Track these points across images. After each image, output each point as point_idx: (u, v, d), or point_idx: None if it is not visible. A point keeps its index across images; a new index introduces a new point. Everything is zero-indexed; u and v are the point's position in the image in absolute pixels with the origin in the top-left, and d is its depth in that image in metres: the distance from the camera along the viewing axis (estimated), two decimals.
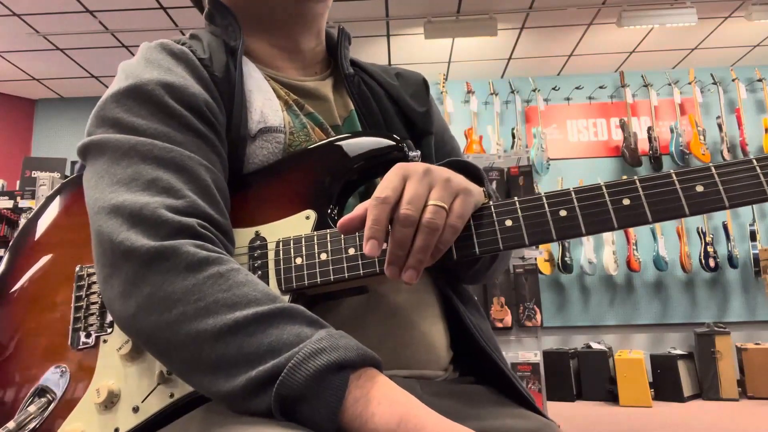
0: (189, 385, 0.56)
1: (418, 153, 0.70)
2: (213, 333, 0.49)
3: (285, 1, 0.77)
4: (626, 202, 0.56)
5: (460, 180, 0.57)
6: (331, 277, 0.61)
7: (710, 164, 0.56)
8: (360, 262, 0.61)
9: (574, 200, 0.58)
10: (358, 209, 0.56)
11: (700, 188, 0.55)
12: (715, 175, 0.55)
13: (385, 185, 0.54)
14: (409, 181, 0.55)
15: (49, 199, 0.76)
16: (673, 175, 0.56)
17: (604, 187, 0.58)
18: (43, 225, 0.73)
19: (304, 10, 0.78)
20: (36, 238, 0.73)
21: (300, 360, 0.46)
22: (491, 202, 0.61)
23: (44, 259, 0.71)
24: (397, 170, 0.56)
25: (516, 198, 0.59)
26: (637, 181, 0.57)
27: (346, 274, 0.61)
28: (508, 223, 0.58)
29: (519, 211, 0.59)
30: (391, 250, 0.54)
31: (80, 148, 0.63)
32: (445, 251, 0.57)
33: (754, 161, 0.55)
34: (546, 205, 0.58)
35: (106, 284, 0.55)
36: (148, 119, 0.61)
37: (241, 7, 0.78)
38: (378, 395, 0.46)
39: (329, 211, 0.67)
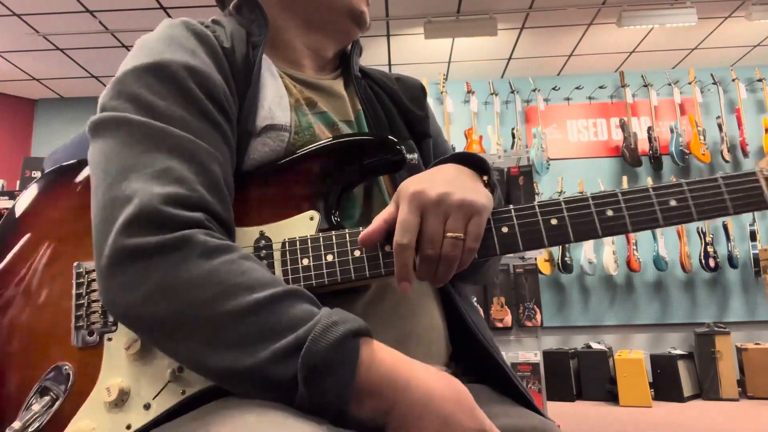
0: (202, 369, 0.55)
1: (416, 155, 0.73)
2: (236, 313, 0.52)
3: (341, 19, 0.80)
4: (610, 213, 0.62)
5: (472, 198, 0.60)
6: (338, 278, 0.63)
7: (683, 181, 0.63)
8: (366, 264, 0.63)
9: (564, 210, 0.63)
10: (376, 222, 0.61)
11: (673, 202, 0.62)
12: (686, 191, 0.62)
13: (405, 226, 0.59)
14: (426, 217, 0.59)
15: (39, 190, 0.72)
16: (650, 190, 0.63)
17: (590, 199, 0.63)
18: (35, 218, 0.71)
19: (352, 31, 0.82)
20: (29, 232, 0.70)
21: (320, 331, 0.51)
22: (497, 193, 0.65)
23: (39, 255, 0.69)
24: (411, 204, 0.60)
25: (511, 206, 0.64)
26: (619, 194, 0.63)
27: (353, 276, 0.63)
28: (504, 229, 0.63)
29: (514, 218, 0.64)
30: (418, 279, 0.61)
31: (94, 122, 0.61)
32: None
33: (720, 179, 0.62)
34: (539, 214, 0.63)
35: (107, 273, 0.54)
36: (167, 101, 0.61)
37: (295, 5, 0.79)
38: (377, 358, 0.53)
39: (331, 211, 0.67)
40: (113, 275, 0.54)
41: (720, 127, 5.12)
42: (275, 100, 0.72)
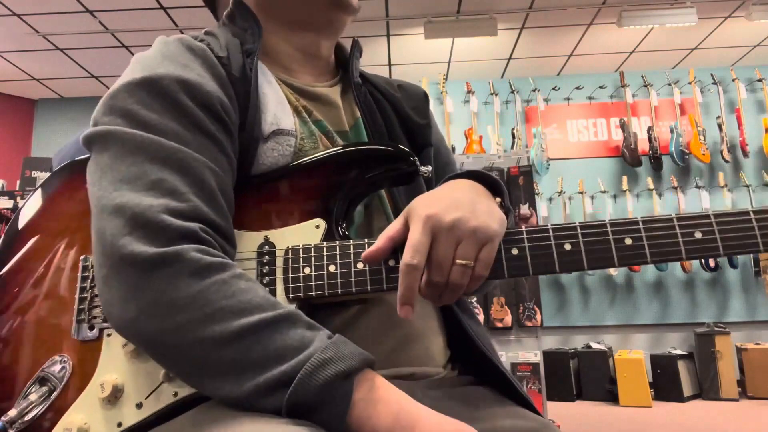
0: (192, 387, 0.56)
1: (430, 168, 0.71)
2: (221, 339, 0.50)
3: (322, 9, 0.78)
4: (628, 241, 0.58)
5: (486, 224, 0.58)
6: (339, 290, 0.61)
7: (711, 212, 0.59)
8: (368, 278, 0.61)
9: (580, 235, 0.59)
10: (382, 240, 0.60)
11: (698, 234, 0.58)
12: (714, 224, 0.58)
13: (416, 247, 0.56)
14: (437, 241, 0.57)
15: (48, 186, 0.74)
16: (675, 219, 0.58)
17: (608, 225, 0.59)
18: (44, 212, 0.72)
19: (338, 19, 0.80)
20: (37, 226, 0.71)
21: (310, 371, 0.49)
22: (511, 216, 0.62)
23: (46, 247, 0.70)
24: (425, 226, 0.57)
25: (524, 227, 0.61)
26: (640, 222, 0.59)
27: (353, 289, 0.61)
28: (514, 251, 0.60)
29: (525, 241, 0.60)
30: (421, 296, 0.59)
31: (86, 137, 0.62)
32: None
33: (751, 213, 0.58)
34: (552, 237, 0.60)
35: (105, 285, 0.55)
36: (159, 114, 0.60)
37: (271, 7, 0.78)
38: (375, 397, 0.50)
39: (338, 221, 0.67)
40: (108, 288, 0.54)
41: (720, 127, 5.12)
42: (278, 107, 0.72)
